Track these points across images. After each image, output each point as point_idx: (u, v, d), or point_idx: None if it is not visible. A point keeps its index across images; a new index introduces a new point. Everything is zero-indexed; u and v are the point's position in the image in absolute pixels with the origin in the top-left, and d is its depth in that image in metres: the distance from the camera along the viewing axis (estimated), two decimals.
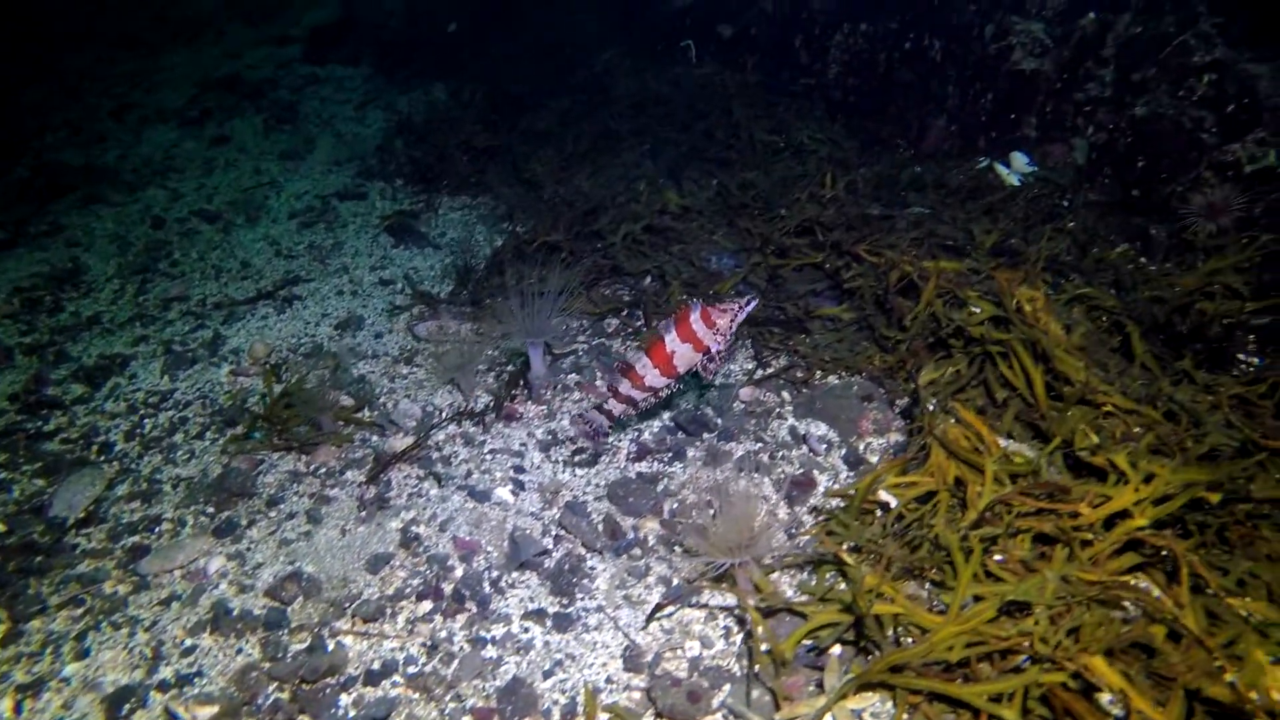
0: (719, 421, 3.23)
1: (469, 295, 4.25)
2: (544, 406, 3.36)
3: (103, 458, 3.43)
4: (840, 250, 4.03)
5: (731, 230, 4.71)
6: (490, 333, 3.68)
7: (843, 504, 2.64)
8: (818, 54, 6.88)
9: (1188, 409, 2.86)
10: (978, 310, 3.06)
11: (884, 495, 2.51)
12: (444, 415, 3.32)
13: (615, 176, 5.74)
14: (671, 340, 2.70)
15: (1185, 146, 4.30)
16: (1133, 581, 2.17)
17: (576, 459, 3.08)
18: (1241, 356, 3.61)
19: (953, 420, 2.59)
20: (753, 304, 2.76)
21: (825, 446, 3.07)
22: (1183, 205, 4.22)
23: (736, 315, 2.72)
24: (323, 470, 3.14)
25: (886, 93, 6.63)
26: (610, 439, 2.97)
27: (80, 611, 2.71)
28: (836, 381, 3.41)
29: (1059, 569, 2.05)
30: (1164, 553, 2.17)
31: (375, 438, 3.30)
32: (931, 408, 2.70)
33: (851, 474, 2.93)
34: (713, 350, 2.72)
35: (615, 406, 2.82)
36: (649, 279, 4.28)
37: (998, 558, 2.16)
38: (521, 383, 3.44)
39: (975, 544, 2.13)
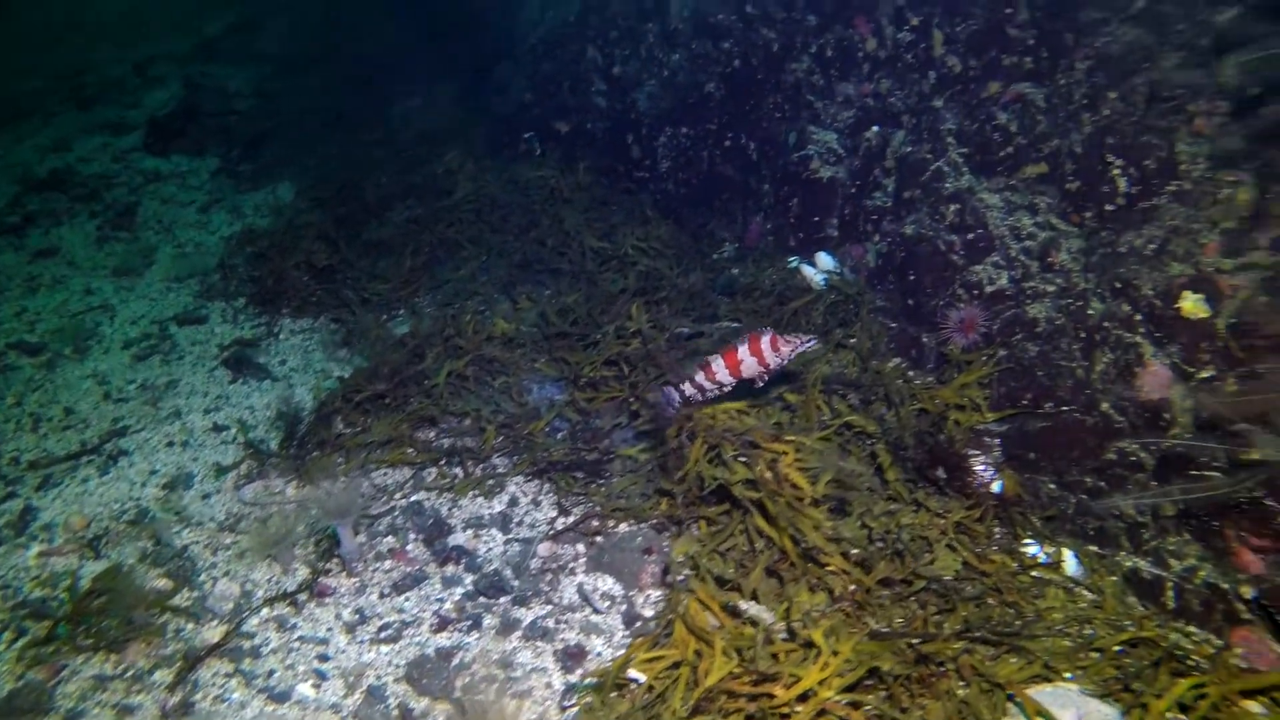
0: (515, 584, 3.53)
1: (295, 450, 4.42)
2: (357, 579, 3.58)
3: None
4: (636, 390, 4.41)
5: (553, 358, 5.03)
6: (308, 500, 3.88)
7: (598, 681, 2.98)
8: (649, 151, 7.32)
9: (910, 550, 3.33)
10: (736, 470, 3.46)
11: (634, 673, 2.86)
12: (259, 598, 3.50)
13: (452, 293, 5.99)
14: (743, 352, 3.54)
15: (942, 265, 4.87)
16: None
17: (382, 634, 3.32)
18: (980, 467, 4.16)
19: (696, 591, 2.96)
20: (811, 343, 3.65)
21: (608, 604, 3.41)
22: (944, 320, 4.78)
23: (797, 348, 3.60)
24: (130, 672, 3.27)
25: (713, 187, 7.12)
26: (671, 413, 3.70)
27: None
28: (626, 530, 3.77)
29: None
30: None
31: (190, 625, 3.45)
32: (683, 577, 3.07)
33: (627, 634, 3.27)
34: (770, 367, 3.59)
35: (689, 389, 3.64)
36: (468, 420, 4.55)
37: None
38: (335, 556, 3.66)
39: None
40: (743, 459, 3.43)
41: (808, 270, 5.83)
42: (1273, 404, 3.00)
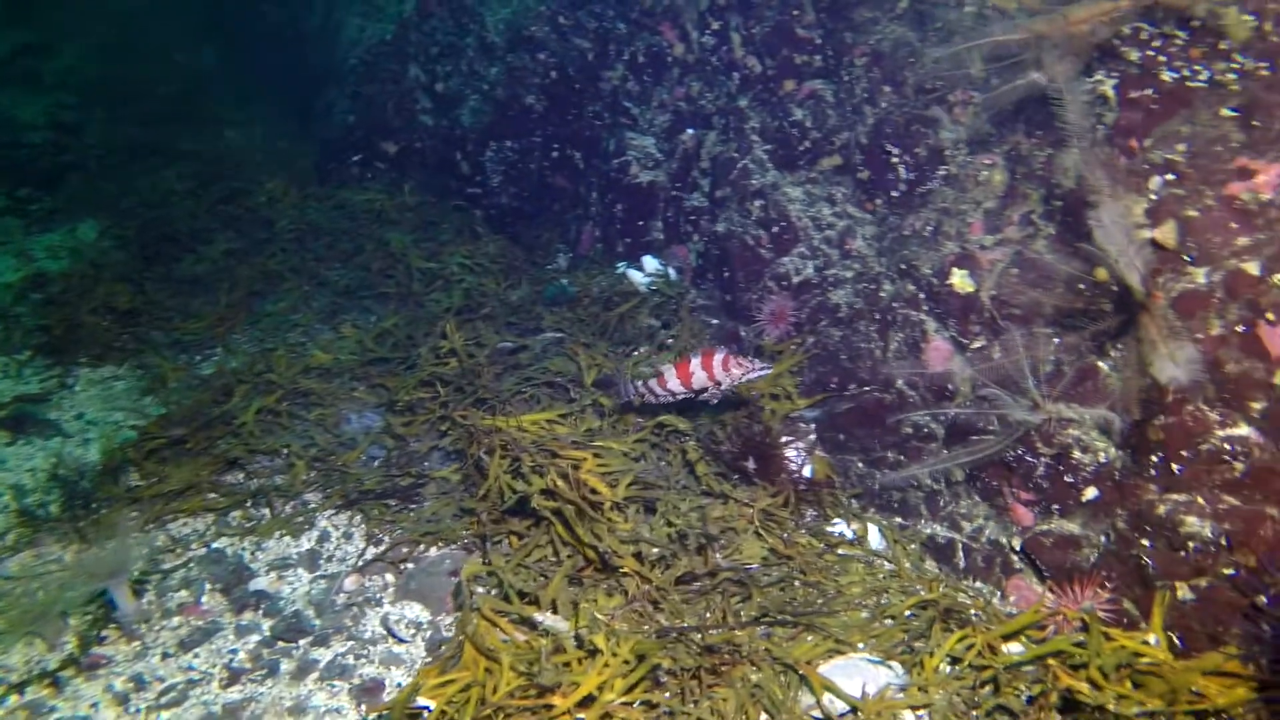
0: (316, 624, 3.37)
1: (78, 511, 4.09)
2: (138, 643, 3.34)
3: None
4: (447, 413, 4.31)
5: (371, 385, 4.87)
6: (84, 564, 3.59)
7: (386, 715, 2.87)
8: (478, 166, 7.24)
9: (710, 539, 3.37)
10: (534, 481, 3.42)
11: (423, 701, 2.76)
12: (6, 684, 3.20)
13: (272, 327, 5.73)
14: (695, 365, 3.67)
15: (753, 259, 5.00)
16: None
17: (163, 700, 3.09)
18: (791, 453, 4.27)
19: (482, 609, 2.90)
20: (765, 370, 3.74)
21: (413, 632, 3.30)
22: (757, 313, 4.91)
23: (749, 372, 3.69)
24: None
25: (545, 199, 7.11)
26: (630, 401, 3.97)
27: None
28: (436, 554, 3.67)
29: None
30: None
31: None
32: (475, 596, 3.00)
33: (430, 660, 3.17)
34: (721, 384, 3.70)
35: (645, 391, 3.87)
36: (280, 459, 4.34)
37: None
38: (112, 621, 3.40)
39: None
40: (539, 470, 3.39)
41: (634, 275, 5.88)
42: (1016, 368, 3.20)
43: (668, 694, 2.73)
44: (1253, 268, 2.59)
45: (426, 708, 2.76)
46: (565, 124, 6.79)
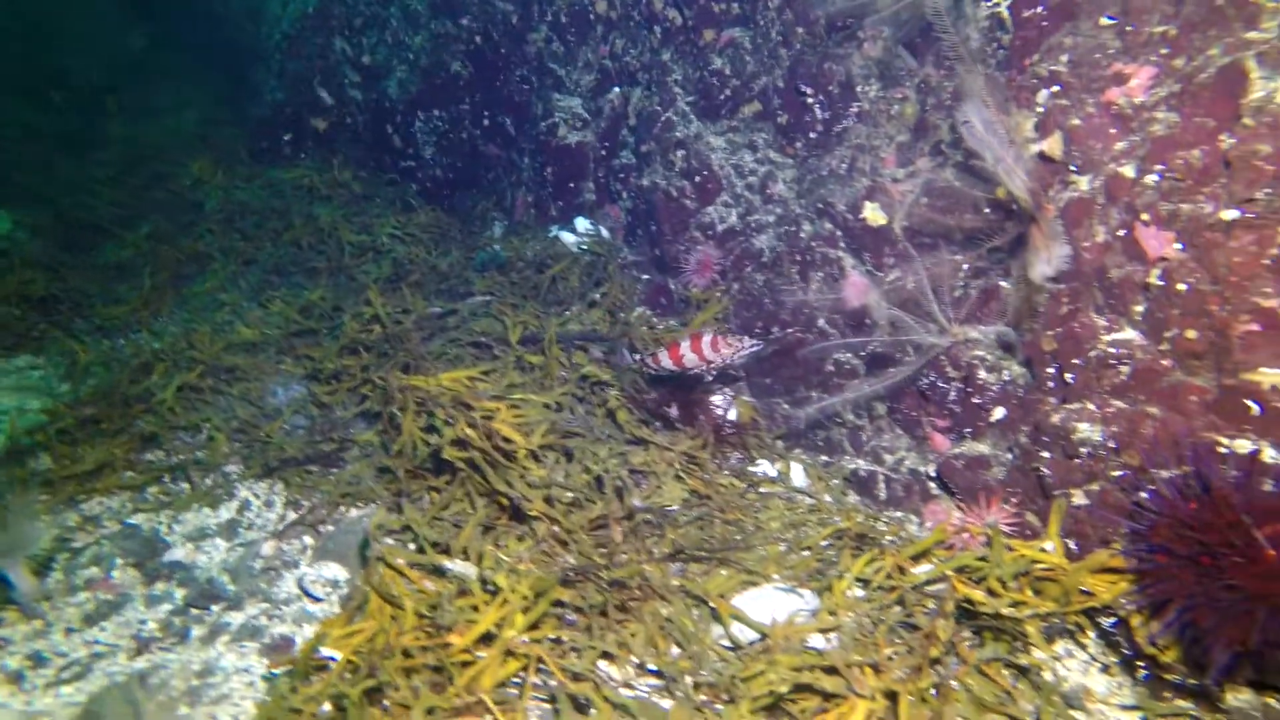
0: (231, 590, 3.32)
1: None
2: (39, 621, 3.26)
3: None
4: (369, 376, 4.26)
5: (297, 357, 4.80)
6: None
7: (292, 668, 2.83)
8: (409, 138, 7.12)
9: (626, 482, 3.36)
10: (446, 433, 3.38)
11: (328, 651, 2.73)
12: None
13: (199, 307, 5.62)
14: (685, 348, 3.68)
15: (678, 210, 4.97)
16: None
17: (64, 675, 3.03)
18: (717, 399, 4.26)
19: (386, 558, 2.86)
20: (756, 348, 3.69)
21: (329, 590, 3.27)
22: (685, 264, 4.88)
23: (739, 350, 3.65)
24: None
25: (478, 167, 7.02)
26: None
27: None
28: (356, 515, 3.62)
29: (426, 703, 2.37)
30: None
31: None
32: (379, 546, 2.96)
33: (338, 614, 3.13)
34: (713, 363, 3.70)
35: (643, 362, 3.91)
36: (204, 434, 4.26)
37: (384, 703, 2.45)
38: (11, 603, 3.32)
39: (355, 695, 2.40)
40: (451, 423, 3.35)
41: (566, 237, 5.83)
42: (923, 294, 3.20)
43: (569, 634, 2.71)
44: (1129, 170, 2.60)
45: (332, 658, 2.73)
46: (493, 90, 6.69)
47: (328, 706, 2.53)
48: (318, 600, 3.22)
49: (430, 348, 4.45)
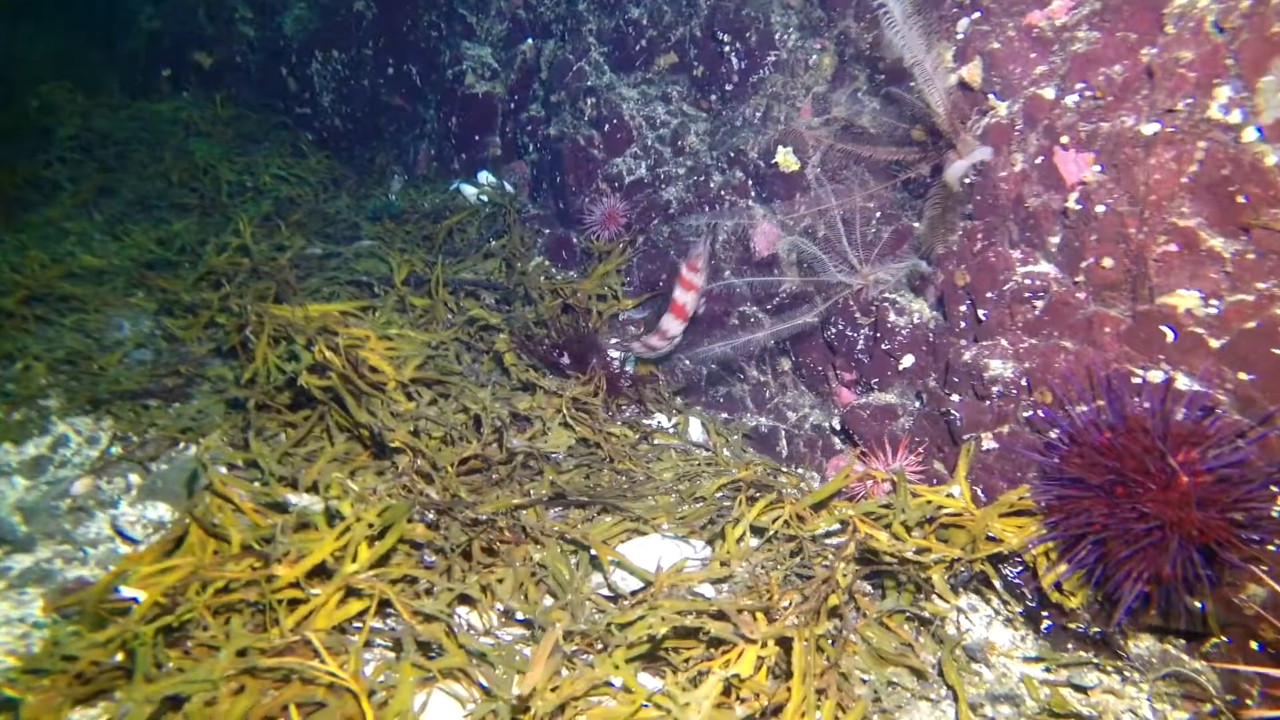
0: (20, 530, 2.82)
1: None
2: None
3: None
4: (228, 306, 3.79)
5: (151, 291, 4.26)
6: None
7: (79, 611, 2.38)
8: (305, 83, 6.61)
9: (506, 423, 3.03)
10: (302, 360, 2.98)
11: (130, 591, 2.29)
12: None
13: (39, 237, 4.98)
14: (681, 297, 3.46)
15: (585, 160, 4.68)
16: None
17: None
18: (614, 355, 3.98)
19: (215, 485, 2.45)
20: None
21: (150, 531, 2.81)
22: (589, 215, 4.59)
23: (704, 259, 3.42)
24: None
25: (380, 118, 6.56)
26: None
27: None
28: (195, 451, 3.17)
29: (239, 643, 1.98)
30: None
31: None
32: (210, 476, 2.54)
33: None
34: (700, 287, 3.47)
35: (639, 347, 3.74)
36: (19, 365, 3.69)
37: (187, 645, 2.05)
38: None
39: (148, 635, 1.99)
40: (311, 347, 2.95)
41: (467, 189, 5.46)
42: (834, 233, 3.01)
43: (426, 575, 2.36)
44: (1049, 92, 2.46)
45: (135, 599, 2.29)
46: (399, 34, 6.26)
47: (119, 656, 2.10)
48: (133, 542, 2.76)
49: (305, 285, 4.01)
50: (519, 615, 2.40)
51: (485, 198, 5.16)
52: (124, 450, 3.17)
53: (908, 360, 3.04)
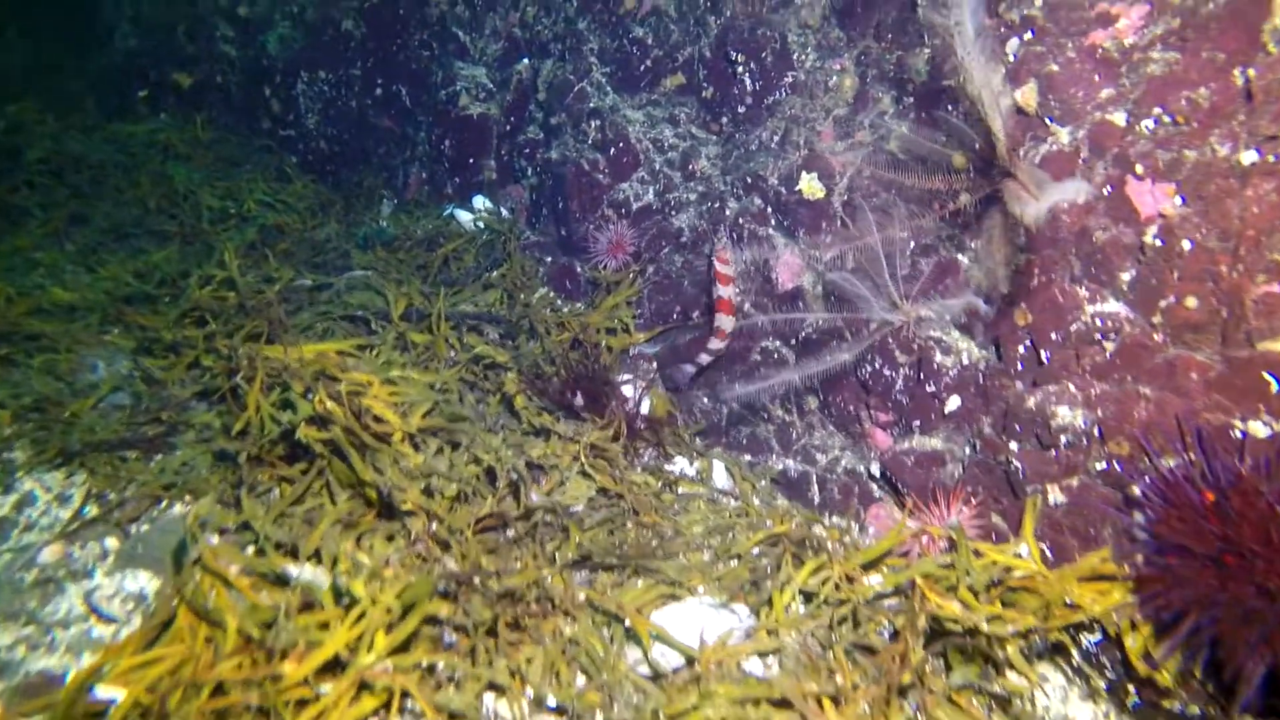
0: None
1: None
2: None
3: None
4: (215, 346, 3.52)
5: (129, 328, 3.97)
6: None
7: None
8: (290, 104, 6.34)
9: (524, 476, 2.78)
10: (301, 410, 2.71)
11: (106, 692, 2.01)
12: None
13: (6, 268, 4.67)
14: (723, 292, 3.38)
15: (589, 186, 4.46)
16: None
17: None
18: (628, 390, 3.75)
19: (206, 560, 2.18)
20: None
21: (131, 606, 2.52)
22: (594, 243, 4.36)
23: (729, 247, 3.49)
24: None
25: (368, 141, 6.31)
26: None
27: None
28: (180, 511, 2.89)
29: None
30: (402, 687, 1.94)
31: None
32: (200, 548, 2.26)
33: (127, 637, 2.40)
34: (733, 276, 3.41)
35: (704, 358, 3.61)
36: None
37: None
38: None
39: None
40: (309, 396, 2.69)
41: (462, 215, 5.22)
42: (873, 266, 2.80)
43: (446, 658, 2.10)
44: (1118, 118, 2.27)
45: (113, 700, 2.01)
46: (389, 55, 6.03)
47: None
48: (111, 621, 2.47)
49: (296, 320, 3.75)
50: (550, 701, 2.15)
51: (482, 224, 4.93)
52: (99, 510, 2.88)
53: (954, 403, 2.84)
